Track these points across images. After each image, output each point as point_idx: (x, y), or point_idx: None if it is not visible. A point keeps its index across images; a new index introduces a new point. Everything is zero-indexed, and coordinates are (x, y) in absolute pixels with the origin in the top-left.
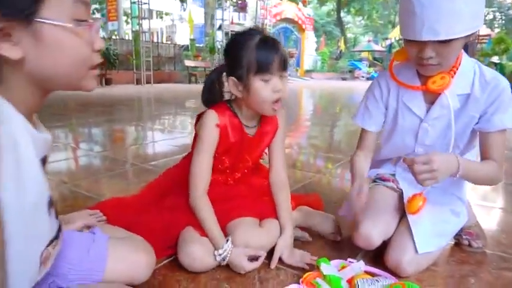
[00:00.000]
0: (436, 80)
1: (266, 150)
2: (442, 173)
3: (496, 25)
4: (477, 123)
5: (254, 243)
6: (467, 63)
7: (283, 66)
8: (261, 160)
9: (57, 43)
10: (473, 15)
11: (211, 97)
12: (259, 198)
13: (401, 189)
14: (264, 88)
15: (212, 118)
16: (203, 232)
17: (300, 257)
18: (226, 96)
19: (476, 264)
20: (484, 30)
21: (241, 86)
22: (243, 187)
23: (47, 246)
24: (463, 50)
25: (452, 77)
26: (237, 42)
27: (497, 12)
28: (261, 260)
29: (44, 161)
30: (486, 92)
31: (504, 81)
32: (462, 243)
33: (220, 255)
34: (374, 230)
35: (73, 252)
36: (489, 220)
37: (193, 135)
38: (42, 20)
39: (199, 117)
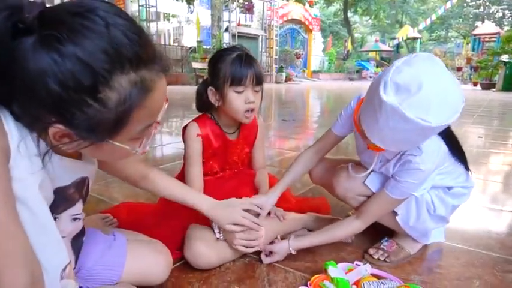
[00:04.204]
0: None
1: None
2: (281, 255)
3: (506, 23)
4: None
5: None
6: None
7: (256, 81)
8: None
9: (111, 151)
10: (398, 142)
11: (201, 105)
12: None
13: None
14: (237, 99)
15: (193, 129)
16: (205, 222)
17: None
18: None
19: (481, 267)
20: (492, 28)
21: (218, 95)
22: (235, 175)
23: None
24: None
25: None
26: (218, 56)
27: (507, 10)
28: (254, 241)
29: (80, 182)
30: (397, 166)
31: (419, 165)
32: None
33: (217, 229)
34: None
35: (96, 247)
36: (497, 223)
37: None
38: (111, 143)
39: (184, 129)
